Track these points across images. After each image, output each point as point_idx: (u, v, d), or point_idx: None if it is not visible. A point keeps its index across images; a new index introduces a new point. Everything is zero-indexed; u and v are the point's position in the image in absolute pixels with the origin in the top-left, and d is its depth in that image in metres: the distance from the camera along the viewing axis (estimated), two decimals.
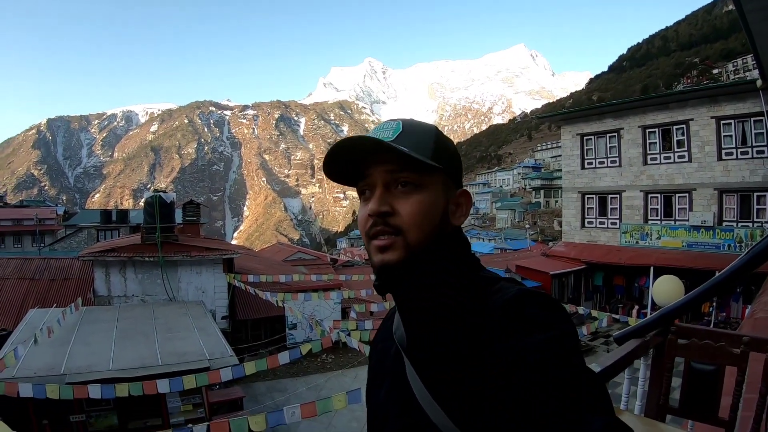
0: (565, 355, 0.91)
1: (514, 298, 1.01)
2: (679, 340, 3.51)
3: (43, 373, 11.23)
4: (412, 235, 1.13)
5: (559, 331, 0.94)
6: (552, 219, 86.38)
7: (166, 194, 21.93)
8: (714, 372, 3.33)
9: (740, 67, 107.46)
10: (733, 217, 22.62)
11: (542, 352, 0.90)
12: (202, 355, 13.07)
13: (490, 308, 1.02)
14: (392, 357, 1.22)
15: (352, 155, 1.16)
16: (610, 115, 26.86)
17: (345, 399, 8.38)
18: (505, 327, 0.96)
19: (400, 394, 1.15)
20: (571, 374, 0.88)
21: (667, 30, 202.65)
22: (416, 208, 1.13)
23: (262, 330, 23.31)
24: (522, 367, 0.89)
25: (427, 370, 1.05)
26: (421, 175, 1.14)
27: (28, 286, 20.90)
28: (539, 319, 0.96)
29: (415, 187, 1.14)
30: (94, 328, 15.02)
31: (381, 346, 1.36)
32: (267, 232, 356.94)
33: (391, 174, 1.14)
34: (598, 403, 0.86)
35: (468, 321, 1.01)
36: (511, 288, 1.07)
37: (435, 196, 1.16)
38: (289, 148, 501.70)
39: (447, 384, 1.00)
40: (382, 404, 1.25)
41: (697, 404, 3.38)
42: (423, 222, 1.14)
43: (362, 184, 1.20)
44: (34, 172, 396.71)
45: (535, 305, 0.99)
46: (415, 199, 1.14)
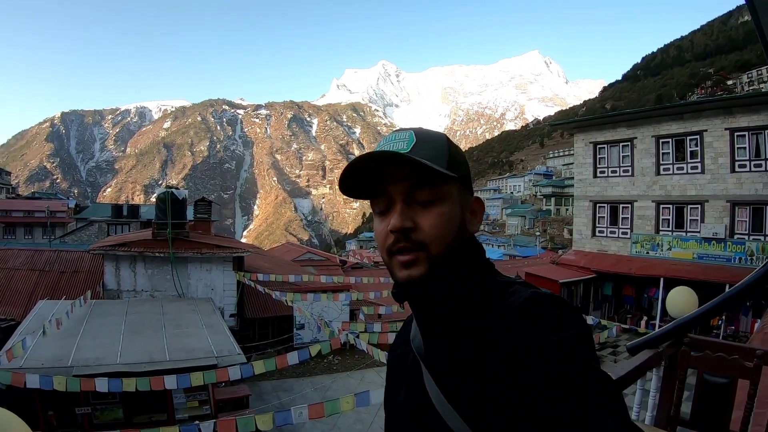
0: (578, 357, 0.91)
1: (528, 300, 1.01)
2: (692, 352, 3.49)
3: (51, 365, 11.28)
4: (435, 248, 1.11)
5: (572, 332, 0.94)
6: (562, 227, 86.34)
7: (179, 191, 22.00)
8: (726, 385, 3.32)
9: (755, 78, 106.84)
10: (745, 230, 22.45)
11: (556, 354, 0.90)
12: (210, 352, 13.10)
13: (505, 311, 1.03)
14: (410, 364, 1.23)
15: (369, 170, 1.14)
16: (623, 124, 26.72)
17: (353, 401, 8.36)
18: (520, 329, 0.96)
19: (417, 400, 1.15)
20: (585, 376, 0.88)
21: (682, 40, 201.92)
22: (438, 222, 1.12)
23: (270, 329, 23.34)
24: (536, 369, 0.89)
25: (444, 378, 1.07)
26: (439, 187, 1.13)
27: (38, 278, 21.04)
28: (553, 320, 0.96)
29: (435, 200, 1.12)
30: (103, 322, 15.07)
31: (399, 352, 1.35)
32: (276, 231, 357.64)
33: (409, 187, 1.12)
34: (612, 406, 0.85)
35: (485, 329, 1.03)
36: (525, 291, 1.06)
37: (453, 206, 1.15)
38: (301, 149, 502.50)
39: (464, 391, 1.01)
40: (399, 409, 1.25)
41: (708, 417, 3.37)
42: (445, 234, 1.12)
43: (379, 199, 1.18)
44: (47, 165, 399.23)
45: (548, 307, 0.99)
46: (436, 212, 1.12)
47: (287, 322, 23.18)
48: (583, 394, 0.85)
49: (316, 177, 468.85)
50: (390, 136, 1.18)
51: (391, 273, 1.17)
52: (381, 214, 1.18)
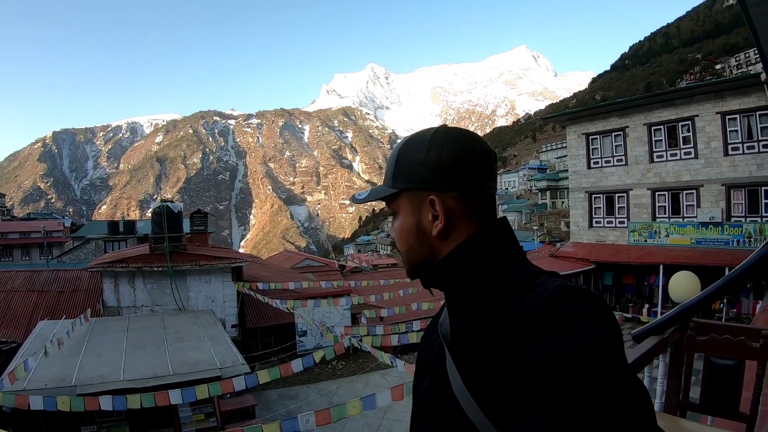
0: (604, 358, 0.86)
1: (555, 294, 0.96)
2: (698, 336, 3.48)
3: (54, 385, 11.22)
4: (405, 256, 1.27)
5: (600, 332, 0.90)
6: (559, 220, 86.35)
7: (174, 204, 21.98)
8: (734, 367, 3.30)
9: (743, 61, 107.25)
10: (741, 213, 22.53)
11: (581, 354, 0.86)
12: (213, 364, 13.06)
13: (531, 304, 0.98)
14: (436, 351, 1.23)
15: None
16: (615, 113, 26.81)
17: (360, 405, 8.34)
18: (546, 324, 0.92)
19: (440, 388, 1.15)
20: (610, 380, 0.84)
21: (669, 27, 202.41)
22: (394, 234, 1.28)
23: (273, 338, 23.28)
24: (561, 372, 0.85)
25: (466, 365, 1.06)
26: (390, 205, 1.27)
27: (37, 298, 20.96)
28: (581, 318, 0.91)
29: (396, 214, 1.26)
30: (104, 339, 15.02)
31: (429, 339, 1.36)
32: (274, 240, 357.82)
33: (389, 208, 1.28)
34: (637, 411, 0.82)
35: (507, 322, 1.00)
36: (552, 283, 1.02)
37: (402, 219, 1.25)
38: (294, 156, 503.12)
39: (485, 384, 1.00)
40: (423, 396, 1.25)
41: (717, 400, 3.35)
42: (401, 243, 1.26)
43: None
44: (41, 185, 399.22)
45: (577, 302, 0.94)
46: (394, 226, 1.27)
47: (289, 329, 23.13)
48: (606, 397, 0.82)
49: (311, 183, 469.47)
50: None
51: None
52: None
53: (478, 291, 1.13)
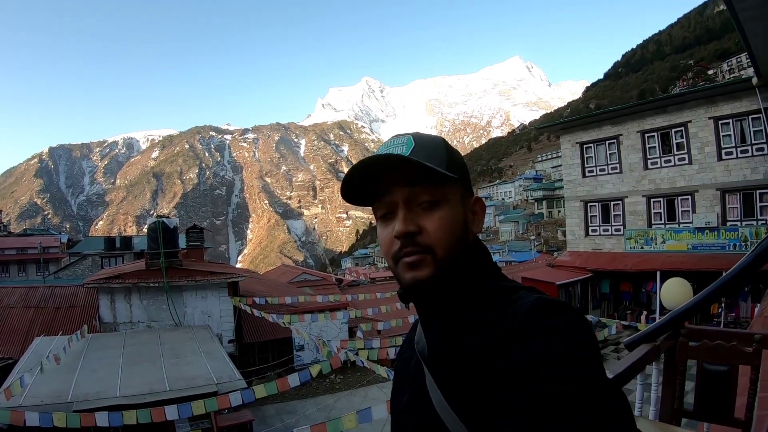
0: (583, 366, 0.88)
1: (533, 307, 0.98)
2: (690, 343, 3.47)
3: (50, 401, 11.19)
4: (441, 251, 1.12)
5: (577, 341, 0.92)
6: (555, 229, 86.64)
7: (169, 219, 21.96)
8: (727, 372, 3.30)
9: (735, 66, 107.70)
10: (736, 217, 22.56)
11: (560, 362, 0.88)
12: (210, 379, 13.03)
13: (510, 317, 1.00)
14: (413, 367, 1.23)
15: (371, 174, 1.15)
16: (608, 122, 26.88)
17: (355, 418, 8.33)
18: (525, 336, 0.94)
19: (420, 403, 1.14)
20: (590, 385, 0.86)
21: (661, 34, 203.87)
22: (441, 224, 1.12)
23: (270, 352, 23.22)
24: (540, 377, 0.87)
25: (445, 381, 1.07)
26: (440, 189, 1.14)
27: (34, 315, 20.90)
28: (558, 328, 0.93)
29: (437, 202, 1.13)
30: (101, 355, 14.98)
31: (405, 355, 1.35)
32: (271, 254, 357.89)
33: (411, 190, 1.13)
34: (617, 415, 0.84)
35: (488, 334, 1.01)
36: (529, 297, 1.04)
37: (455, 207, 1.16)
38: (290, 170, 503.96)
39: (465, 395, 1.00)
40: (403, 413, 1.24)
41: (712, 406, 3.35)
42: (449, 237, 1.13)
43: (380, 204, 1.18)
44: (37, 201, 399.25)
45: (554, 314, 0.96)
46: (439, 215, 1.13)
47: (287, 344, 23.08)
48: (587, 404, 0.83)
49: (307, 197, 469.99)
50: (389, 142, 1.20)
51: (396, 277, 1.18)
52: (384, 220, 1.19)
53: (457, 295, 1.14)
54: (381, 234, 1.19)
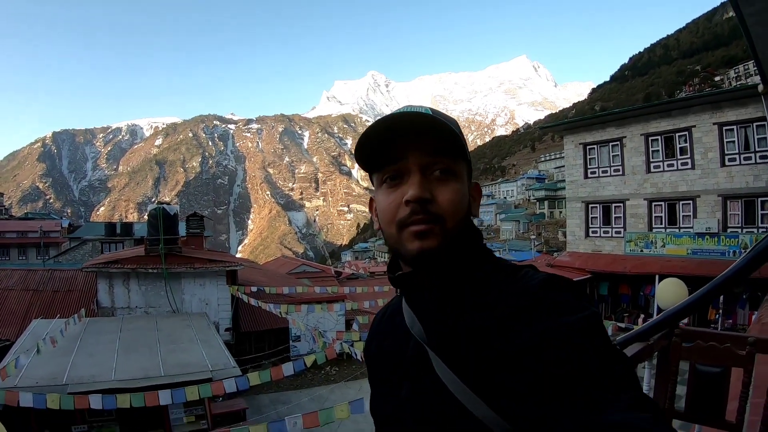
0: (598, 334, 0.91)
1: (546, 281, 1.01)
2: (683, 343, 3.46)
3: (45, 383, 11.23)
4: (450, 223, 1.10)
5: (590, 312, 0.94)
6: (556, 229, 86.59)
7: (170, 206, 21.97)
8: (720, 374, 3.28)
9: (742, 73, 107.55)
10: (737, 223, 22.53)
11: (578, 331, 0.90)
12: (205, 366, 13.05)
13: (520, 292, 1.01)
14: (411, 354, 1.16)
15: (391, 133, 1.12)
16: (612, 124, 26.83)
17: (348, 409, 8.33)
18: (539, 309, 0.96)
19: (425, 392, 1.09)
20: (604, 351, 0.89)
21: (669, 38, 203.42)
22: (454, 196, 1.11)
23: (266, 342, 23.24)
24: (558, 346, 0.89)
25: (459, 363, 1.02)
26: (455, 162, 1.13)
27: (32, 297, 20.95)
28: (572, 301, 0.96)
29: (452, 174, 1.12)
30: (97, 339, 15.02)
31: (389, 346, 1.27)
32: (271, 245, 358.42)
33: (430, 159, 1.11)
34: (627, 378, 0.86)
35: (501, 310, 1.01)
36: (538, 273, 1.07)
37: (464, 185, 1.15)
38: (293, 162, 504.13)
39: (482, 375, 0.98)
40: (401, 407, 1.16)
41: (703, 408, 3.33)
42: (458, 211, 1.12)
43: (392, 168, 1.15)
44: (39, 185, 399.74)
45: (566, 289, 1.00)
46: (452, 187, 1.12)
47: (283, 334, 23.08)
48: (603, 368, 0.86)
49: (309, 189, 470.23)
50: (405, 107, 1.15)
51: (398, 247, 1.14)
52: (390, 186, 1.15)
53: (458, 273, 1.13)
54: (385, 200, 1.15)
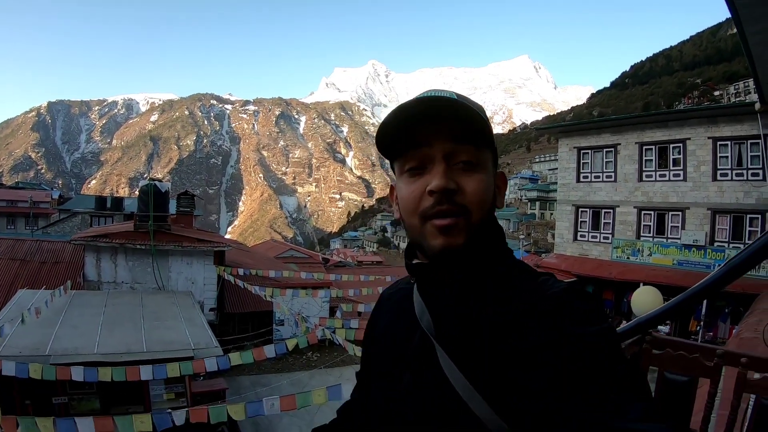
0: (614, 346, 0.96)
1: (567, 290, 1.02)
2: (653, 350, 3.54)
3: (29, 353, 11.21)
4: (476, 215, 1.07)
5: (608, 325, 0.98)
6: (546, 231, 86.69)
7: (161, 183, 21.91)
8: (687, 383, 3.36)
9: (742, 90, 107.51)
10: (725, 238, 22.65)
11: (596, 342, 0.94)
12: (188, 344, 13.07)
13: (543, 295, 1.03)
14: (417, 344, 1.14)
15: (416, 116, 1.07)
16: (608, 130, 26.89)
17: (325, 394, 8.40)
18: (563, 314, 0.98)
19: (427, 385, 1.08)
20: (619, 363, 0.92)
21: (671, 49, 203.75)
22: (480, 187, 1.08)
23: (250, 324, 23.25)
24: (580, 350, 0.93)
25: (465, 361, 1.03)
26: (480, 151, 1.10)
27: (19, 267, 20.84)
28: (591, 313, 0.99)
29: (477, 164, 1.09)
30: (82, 312, 14.99)
31: (393, 333, 1.26)
32: (261, 228, 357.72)
33: (453, 146, 1.07)
34: (639, 389, 0.89)
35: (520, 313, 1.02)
36: (557, 282, 1.07)
37: (489, 175, 1.12)
38: (288, 146, 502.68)
39: (489, 375, 0.99)
40: (400, 397, 1.14)
41: (669, 415, 3.41)
42: (485, 202, 1.10)
43: (411, 157, 1.11)
44: (32, 155, 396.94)
45: (585, 300, 1.01)
46: (478, 177, 1.08)
47: (267, 317, 23.10)
48: (619, 380, 0.89)
49: (303, 175, 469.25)
50: (429, 91, 1.10)
51: (420, 240, 1.11)
52: (412, 175, 1.12)
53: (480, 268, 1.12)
54: (406, 189, 1.11)
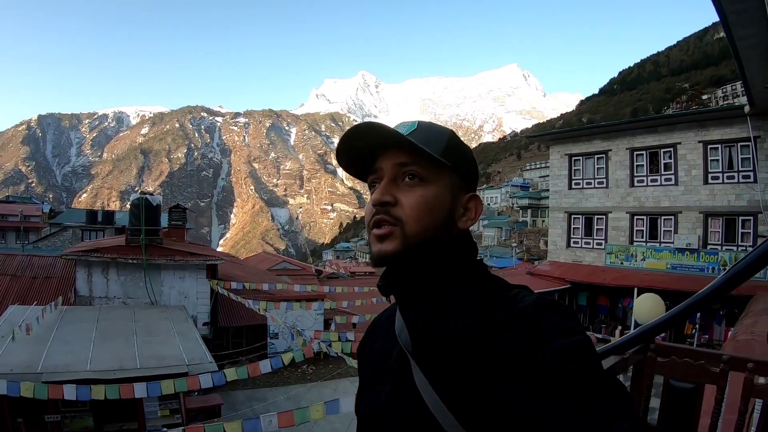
0: (590, 360, 0.92)
1: (536, 303, 1.01)
2: (658, 358, 3.50)
3: (20, 371, 11.10)
4: (410, 227, 1.12)
5: (581, 337, 0.95)
6: (538, 238, 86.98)
7: (153, 197, 21.82)
8: (693, 390, 3.31)
9: (729, 93, 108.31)
10: (717, 241, 22.75)
11: (569, 357, 0.91)
12: (181, 360, 12.98)
13: (509, 312, 1.02)
14: (395, 359, 1.18)
15: (363, 143, 1.18)
16: (599, 136, 27.01)
17: (323, 409, 8.32)
18: (527, 331, 0.96)
19: (402, 399, 1.11)
20: (597, 378, 0.89)
21: (659, 55, 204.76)
22: (418, 201, 1.12)
23: (244, 338, 23.16)
24: (547, 371, 0.89)
25: (437, 376, 1.04)
26: (427, 170, 1.14)
27: (9, 283, 20.65)
28: (562, 325, 0.96)
29: (420, 181, 1.14)
30: (74, 328, 14.88)
31: (379, 347, 1.30)
32: (253, 240, 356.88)
33: (399, 166, 1.15)
34: (623, 407, 0.87)
35: (487, 328, 1.02)
36: (529, 294, 1.07)
37: (440, 193, 1.15)
38: (279, 158, 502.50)
39: (460, 390, 0.99)
40: (380, 408, 1.18)
41: (675, 422, 3.36)
42: (423, 216, 1.13)
43: (372, 177, 1.21)
44: (22, 168, 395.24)
45: (556, 312, 0.99)
46: (419, 192, 1.13)
47: (261, 331, 23.02)
48: (595, 396, 0.87)
49: (294, 186, 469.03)
50: (397, 125, 1.19)
51: (370, 250, 1.19)
52: (372, 189, 1.20)
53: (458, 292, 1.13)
54: (367, 205, 1.21)
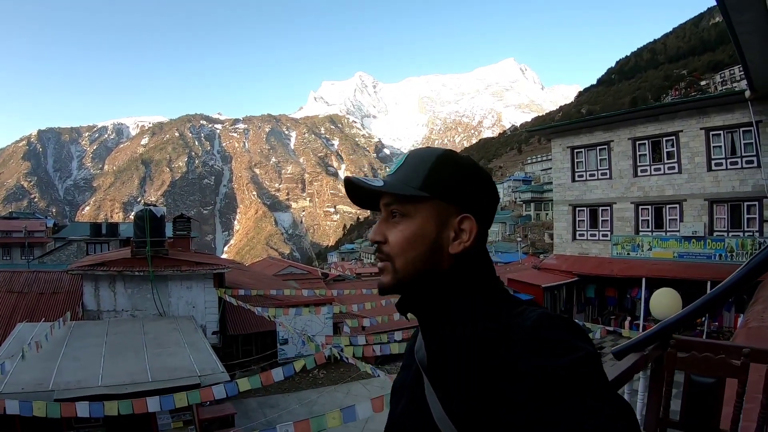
0: (592, 377, 0.92)
1: (538, 320, 1.02)
2: (678, 354, 3.47)
3: (31, 389, 11.09)
4: (398, 262, 1.19)
5: (584, 353, 0.94)
6: (542, 232, 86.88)
7: (157, 208, 21.83)
8: (714, 384, 3.29)
9: (727, 78, 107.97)
10: (723, 227, 22.65)
11: (570, 374, 0.91)
12: (193, 371, 12.95)
13: (514, 331, 1.03)
14: (413, 375, 1.28)
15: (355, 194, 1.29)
16: (600, 127, 26.91)
17: (340, 417, 8.29)
18: (530, 349, 0.97)
19: (416, 411, 1.19)
20: (598, 396, 0.89)
21: (655, 43, 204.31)
22: (399, 237, 1.19)
23: (254, 345, 23.13)
24: (548, 389, 0.90)
25: (445, 392, 1.10)
26: (407, 206, 1.19)
27: (17, 300, 20.65)
28: (564, 342, 0.97)
29: (402, 216, 1.20)
30: (83, 343, 14.87)
31: (405, 362, 1.40)
32: (257, 246, 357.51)
33: (386, 206, 1.23)
34: (626, 427, 0.87)
35: (491, 347, 1.04)
36: (533, 311, 1.07)
37: (420, 225, 1.19)
38: (280, 162, 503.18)
39: (465, 406, 1.04)
40: (397, 419, 1.28)
41: (697, 417, 3.34)
42: (406, 250, 1.19)
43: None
44: (24, 184, 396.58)
45: (559, 328, 1.00)
46: (400, 228, 1.20)
47: (271, 337, 22.98)
48: (603, 396, 0.89)
49: (296, 190, 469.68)
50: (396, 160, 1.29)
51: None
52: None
53: (465, 312, 1.16)
54: None
